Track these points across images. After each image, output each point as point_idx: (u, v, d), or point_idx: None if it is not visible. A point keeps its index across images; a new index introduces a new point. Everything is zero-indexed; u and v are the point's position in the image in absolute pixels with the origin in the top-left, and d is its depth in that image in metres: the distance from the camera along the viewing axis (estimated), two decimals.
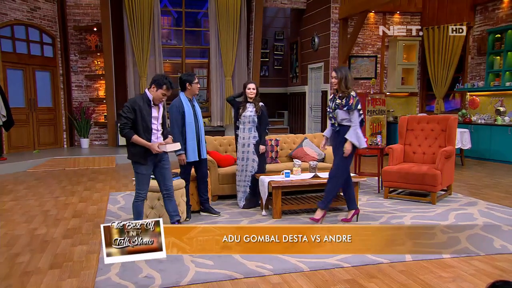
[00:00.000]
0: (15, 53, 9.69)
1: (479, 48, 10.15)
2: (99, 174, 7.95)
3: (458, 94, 10.67)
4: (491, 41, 9.58)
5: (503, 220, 4.73)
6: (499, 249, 3.85)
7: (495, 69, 9.54)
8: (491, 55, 9.63)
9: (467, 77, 10.45)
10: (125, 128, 3.71)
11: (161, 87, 3.73)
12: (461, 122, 9.40)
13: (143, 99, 3.78)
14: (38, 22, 10.12)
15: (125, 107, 3.75)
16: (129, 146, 3.83)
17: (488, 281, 3.14)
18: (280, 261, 3.55)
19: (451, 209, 5.18)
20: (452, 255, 3.68)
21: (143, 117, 3.74)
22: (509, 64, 9.23)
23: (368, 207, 5.32)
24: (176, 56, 12.25)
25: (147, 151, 3.78)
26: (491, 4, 9.81)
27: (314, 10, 11.23)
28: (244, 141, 5.18)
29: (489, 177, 7.31)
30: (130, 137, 3.72)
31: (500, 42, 9.43)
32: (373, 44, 10.88)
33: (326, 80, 10.61)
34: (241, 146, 5.21)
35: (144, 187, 3.91)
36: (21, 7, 9.72)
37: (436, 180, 5.34)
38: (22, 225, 4.72)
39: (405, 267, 3.46)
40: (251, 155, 5.18)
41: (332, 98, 4.58)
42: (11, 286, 3.15)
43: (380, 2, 8.61)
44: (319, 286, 3.10)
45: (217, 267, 3.42)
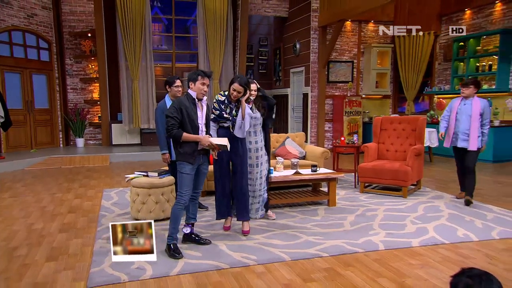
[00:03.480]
0: (12, 57, 9.50)
1: (445, 55, 10.34)
2: (93, 172, 7.84)
3: (427, 96, 10.84)
4: (455, 49, 9.76)
5: (465, 211, 4.83)
6: (462, 237, 3.93)
7: (459, 74, 9.72)
8: (455, 61, 9.80)
9: (435, 81, 10.63)
10: (173, 128, 3.41)
11: (197, 80, 3.47)
12: (430, 122, 9.55)
13: (187, 98, 3.51)
14: (35, 28, 9.93)
15: (171, 108, 3.46)
16: (177, 147, 3.52)
17: (452, 267, 3.22)
18: (264, 252, 3.56)
19: (420, 202, 5.27)
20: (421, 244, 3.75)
21: (189, 116, 3.46)
22: (472, 69, 9.42)
23: (345, 201, 5.37)
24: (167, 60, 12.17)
25: (195, 151, 3.51)
26: (455, 15, 10.00)
27: (295, 18, 11.26)
28: (257, 145, 4.32)
29: (454, 173, 7.38)
30: (180, 136, 3.42)
31: (463, 50, 9.61)
32: (349, 50, 10.96)
33: (307, 83, 10.66)
34: (254, 151, 4.30)
35: (187, 187, 3.52)
36: (18, 13, 9.53)
37: (407, 175, 5.43)
38: (20, 221, 4.63)
39: (379, 255, 3.50)
40: (264, 157, 4.43)
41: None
42: (9, 278, 3.10)
43: (356, 11, 8.67)
44: (300, 274, 3.12)
45: (205, 258, 3.41)
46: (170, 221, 3.54)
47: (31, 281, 3.05)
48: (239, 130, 3.97)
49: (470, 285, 1.32)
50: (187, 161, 3.49)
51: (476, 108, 5.00)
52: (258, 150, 4.32)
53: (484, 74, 9.14)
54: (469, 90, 5.07)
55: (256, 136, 4.31)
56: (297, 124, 11.52)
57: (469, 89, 5.06)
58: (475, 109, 4.99)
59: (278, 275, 3.11)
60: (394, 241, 3.81)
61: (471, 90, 5.06)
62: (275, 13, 11.67)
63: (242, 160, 4.05)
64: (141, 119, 10.41)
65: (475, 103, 5.03)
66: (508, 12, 8.74)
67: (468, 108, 5.07)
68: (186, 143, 3.48)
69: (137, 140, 10.80)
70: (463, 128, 5.11)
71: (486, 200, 5.36)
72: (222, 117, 3.94)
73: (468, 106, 5.07)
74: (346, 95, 10.68)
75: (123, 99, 10.39)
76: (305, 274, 3.12)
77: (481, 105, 5.01)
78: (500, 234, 4.01)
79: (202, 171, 3.69)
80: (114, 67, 10.50)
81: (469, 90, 5.06)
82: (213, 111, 3.98)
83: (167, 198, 4.55)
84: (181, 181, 3.53)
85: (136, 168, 7.37)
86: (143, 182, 4.50)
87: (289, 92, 11.82)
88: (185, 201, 3.53)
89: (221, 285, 2.95)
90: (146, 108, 10.46)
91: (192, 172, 3.53)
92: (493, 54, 8.87)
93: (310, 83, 10.54)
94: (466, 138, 5.10)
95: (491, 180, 6.81)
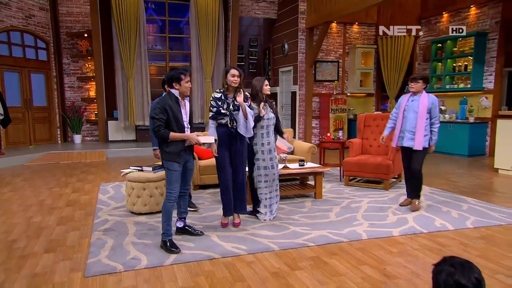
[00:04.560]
0: (11, 56, 9.34)
1: (424, 55, 10.42)
2: (90, 167, 7.76)
3: None
4: (434, 50, 9.84)
5: (443, 202, 4.90)
6: (439, 227, 3.98)
7: (437, 74, 9.81)
8: (434, 62, 9.89)
9: None
10: (160, 129, 3.30)
11: (181, 79, 3.35)
12: None
13: (170, 98, 3.38)
14: (33, 28, 9.76)
15: (156, 109, 3.31)
16: (163, 147, 3.40)
17: (430, 254, 3.26)
18: (254, 242, 3.57)
19: (401, 194, 5.32)
20: (401, 233, 3.79)
21: (174, 115, 3.35)
22: (449, 69, 9.51)
23: (331, 194, 5.40)
24: (161, 60, 12.05)
25: (181, 150, 3.41)
26: (433, 18, 10.08)
27: (284, 20, 11.24)
28: (270, 146, 4.15)
29: (432, 166, 7.54)
30: (167, 136, 3.32)
31: (441, 51, 9.71)
32: (335, 50, 10.99)
33: (295, 82, 10.66)
34: (267, 153, 4.14)
35: (176, 184, 3.43)
36: (17, 14, 9.36)
37: (388, 169, 5.47)
38: (19, 214, 4.57)
39: (362, 244, 3.53)
40: (277, 158, 4.28)
41: None
42: (9, 269, 3.06)
43: (341, 14, 8.68)
44: (288, 263, 3.14)
45: (197, 249, 3.40)
46: (162, 218, 3.45)
47: (30, 272, 3.01)
48: (245, 129, 3.86)
49: (453, 273, 1.33)
50: (174, 161, 3.39)
51: (423, 105, 4.42)
52: (271, 151, 4.16)
53: (460, 74, 9.24)
54: (417, 85, 4.47)
55: (269, 137, 4.14)
56: (285, 121, 11.52)
57: (417, 84, 4.47)
58: (422, 106, 4.42)
59: (267, 264, 3.12)
60: (376, 231, 3.85)
61: (420, 85, 4.46)
62: (265, 15, 11.63)
63: (242, 156, 3.97)
64: (136, 116, 10.34)
65: (422, 99, 4.45)
66: (482, 16, 8.84)
67: (415, 104, 4.48)
68: (172, 142, 3.37)
69: (133, 137, 10.72)
70: (410, 126, 4.51)
71: (462, 192, 5.44)
72: (220, 113, 3.81)
73: (415, 103, 4.49)
74: (332, 93, 10.71)
75: (118, 97, 10.30)
76: (292, 263, 3.14)
77: (429, 101, 4.44)
78: (474, 223, 4.07)
79: (189, 167, 3.60)
80: (110, 66, 10.39)
81: (418, 85, 4.47)
82: (211, 109, 3.87)
83: (161, 192, 4.52)
84: (170, 178, 3.43)
85: (131, 163, 7.32)
86: (138, 176, 4.47)
87: (278, 91, 11.81)
88: (175, 197, 3.45)
89: (213, 274, 2.95)
90: (141, 105, 10.38)
91: (180, 168, 3.44)
92: (469, 55, 8.97)
93: (298, 81, 10.55)
94: (412, 136, 4.50)
95: (466, 173, 6.91)
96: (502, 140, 6.73)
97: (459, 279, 1.31)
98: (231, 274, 2.94)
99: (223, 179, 3.95)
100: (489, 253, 3.31)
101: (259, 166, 4.19)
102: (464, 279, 1.31)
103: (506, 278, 2.85)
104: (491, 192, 5.55)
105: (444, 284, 1.32)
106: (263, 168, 4.18)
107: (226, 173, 3.93)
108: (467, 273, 1.32)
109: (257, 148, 4.15)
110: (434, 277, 1.37)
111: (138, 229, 3.94)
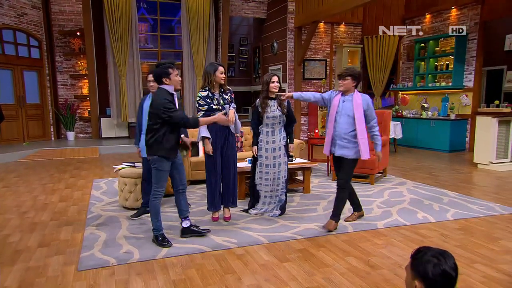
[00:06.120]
0: (4, 54, 9.15)
1: (408, 54, 10.51)
2: (83, 163, 7.67)
3: (393, 92, 11.02)
4: (417, 49, 9.93)
5: (425, 196, 4.97)
6: (421, 219, 4.04)
7: (420, 72, 9.90)
8: (417, 61, 9.98)
9: (399, 78, 10.81)
10: (185, 117, 3.18)
11: (170, 74, 3.22)
12: (395, 116, 9.76)
13: (166, 93, 3.22)
14: (25, 26, 9.57)
15: (167, 105, 3.12)
16: (162, 143, 3.20)
17: (412, 245, 3.31)
18: (244, 235, 3.58)
19: (386, 188, 5.38)
20: (385, 226, 3.84)
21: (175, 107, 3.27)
22: (431, 68, 9.62)
23: (319, 188, 5.43)
24: (153, 58, 11.95)
25: (177, 144, 3.32)
26: (416, 19, 10.16)
27: (273, 19, 11.21)
28: (275, 145, 4.03)
29: (416, 161, 7.63)
30: (198, 122, 3.23)
31: (424, 50, 9.80)
32: (323, 49, 11.02)
33: (284, 80, 10.66)
34: (271, 151, 4.04)
35: (163, 184, 3.32)
36: (9, 12, 9.16)
37: (374, 164, 5.52)
38: (13, 209, 4.50)
39: (348, 237, 3.56)
40: (283, 158, 4.10)
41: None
42: (2, 263, 3.01)
43: (329, 14, 8.70)
44: (277, 255, 3.15)
45: (189, 242, 3.40)
46: (151, 215, 3.37)
47: (23, 265, 2.97)
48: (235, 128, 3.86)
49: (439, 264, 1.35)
50: (169, 156, 3.26)
51: (358, 106, 3.61)
52: (275, 150, 4.05)
53: (442, 73, 9.35)
54: (346, 83, 3.65)
55: (274, 135, 4.03)
56: None
57: (345, 81, 3.65)
58: (357, 107, 3.61)
59: (257, 257, 3.13)
60: (362, 224, 3.89)
61: (349, 83, 3.65)
62: (254, 15, 11.59)
63: (233, 149, 3.90)
64: (128, 113, 10.23)
65: (356, 100, 3.63)
66: (462, 18, 8.94)
67: (347, 106, 3.65)
68: (172, 136, 3.26)
69: (125, 133, 10.62)
70: (342, 132, 3.66)
71: (443, 186, 5.52)
72: (212, 109, 3.71)
73: (347, 104, 3.65)
74: (320, 91, 10.74)
75: (111, 95, 10.17)
76: (281, 255, 3.15)
77: (363, 102, 3.64)
78: (454, 216, 4.14)
79: (178, 162, 3.46)
80: (103, 64, 10.24)
81: (346, 82, 3.65)
82: (200, 108, 3.76)
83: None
84: (159, 178, 3.29)
85: (124, 160, 7.25)
86: (131, 172, 4.43)
87: None
88: (161, 195, 3.36)
89: (204, 267, 2.94)
90: (134, 103, 10.27)
91: (169, 168, 3.33)
92: (450, 55, 9.07)
93: (287, 79, 10.55)
94: (346, 144, 3.66)
95: (448, 167, 7.01)
96: (481, 136, 6.84)
97: (445, 268, 1.34)
98: (221, 267, 2.94)
99: (213, 175, 3.87)
100: (467, 244, 3.37)
101: (261, 163, 4.13)
102: (448, 267, 1.34)
103: (483, 267, 2.91)
104: (470, 185, 5.64)
105: (433, 274, 1.34)
106: (265, 165, 4.11)
107: (216, 175, 3.86)
108: (449, 261, 1.35)
109: (261, 145, 4.11)
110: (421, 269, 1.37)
111: (130, 224, 3.92)
